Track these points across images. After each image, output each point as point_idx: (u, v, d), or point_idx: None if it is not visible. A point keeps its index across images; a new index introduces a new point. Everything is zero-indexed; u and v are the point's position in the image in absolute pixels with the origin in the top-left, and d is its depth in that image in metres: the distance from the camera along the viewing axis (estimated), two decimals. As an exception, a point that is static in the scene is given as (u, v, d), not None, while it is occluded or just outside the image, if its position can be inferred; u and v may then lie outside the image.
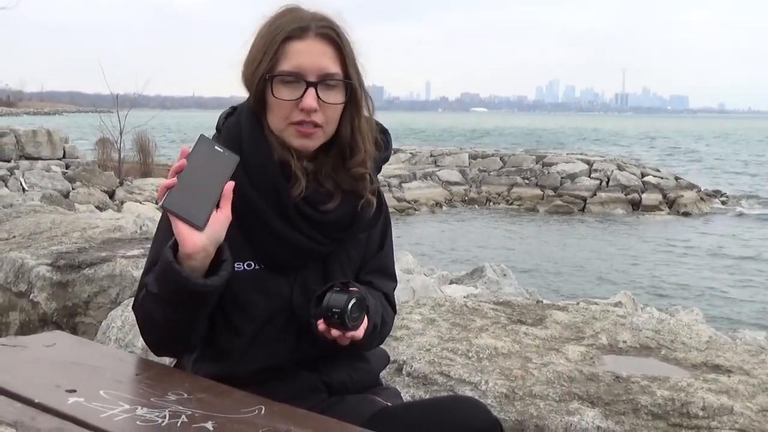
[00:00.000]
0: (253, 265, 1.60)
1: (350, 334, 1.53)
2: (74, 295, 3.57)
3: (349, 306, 1.51)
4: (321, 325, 1.53)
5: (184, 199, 1.43)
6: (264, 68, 1.55)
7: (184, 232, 1.44)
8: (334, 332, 1.52)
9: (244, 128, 1.61)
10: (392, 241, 1.83)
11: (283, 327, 1.63)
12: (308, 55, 1.55)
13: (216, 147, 1.48)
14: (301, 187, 1.58)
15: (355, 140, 1.62)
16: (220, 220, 1.47)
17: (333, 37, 1.57)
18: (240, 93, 1.67)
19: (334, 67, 1.57)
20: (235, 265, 1.58)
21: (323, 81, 1.56)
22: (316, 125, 1.58)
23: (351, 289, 1.56)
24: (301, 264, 1.63)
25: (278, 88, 1.55)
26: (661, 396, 2.24)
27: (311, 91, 1.55)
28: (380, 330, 1.69)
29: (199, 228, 1.44)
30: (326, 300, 1.52)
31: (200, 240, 1.45)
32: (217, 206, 1.46)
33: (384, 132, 1.73)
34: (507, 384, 2.34)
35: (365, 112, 1.65)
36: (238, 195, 1.53)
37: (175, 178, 1.43)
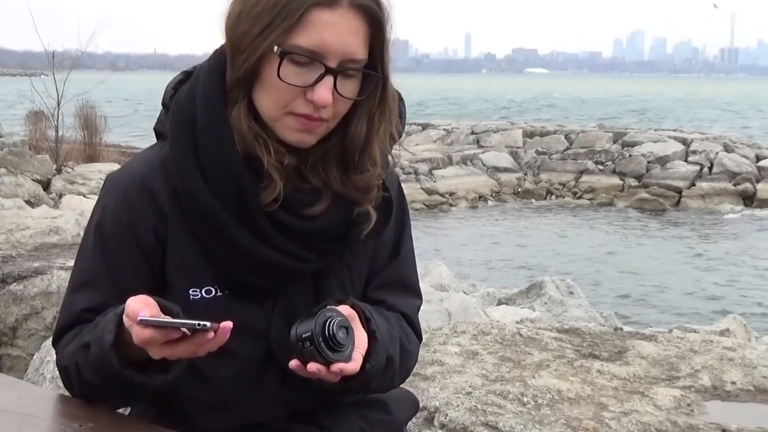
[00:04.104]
0: (213, 291, 1.57)
1: (337, 366, 1.43)
2: (-3, 319, 3.60)
3: (329, 326, 1.43)
4: (293, 363, 1.46)
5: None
6: (274, 37, 1.48)
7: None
8: (312, 367, 1.43)
9: (199, 107, 1.55)
10: (413, 245, 1.80)
11: (261, 371, 1.61)
12: (335, 31, 1.48)
13: None
14: (276, 191, 1.53)
15: (369, 148, 1.57)
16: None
17: (372, 9, 1.51)
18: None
19: (362, 52, 1.52)
20: (191, 292, 1.57)
21: (344, 69, 1.51)
22: (321, 119, 1.53)
23: (330, 308, 1.50)
24: (280, 288, 1.60)
25: (286, 66, 1.49)
26: (784, 457, 2.23)
27: (328, 80, 1.49)
28: (401, 362, 1.65)
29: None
30: (293, 330, 1.46)
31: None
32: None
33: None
34: (575, 440, 2.34)
35: (390, 114, 1.59)
36: (189, 200, 1.53)
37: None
